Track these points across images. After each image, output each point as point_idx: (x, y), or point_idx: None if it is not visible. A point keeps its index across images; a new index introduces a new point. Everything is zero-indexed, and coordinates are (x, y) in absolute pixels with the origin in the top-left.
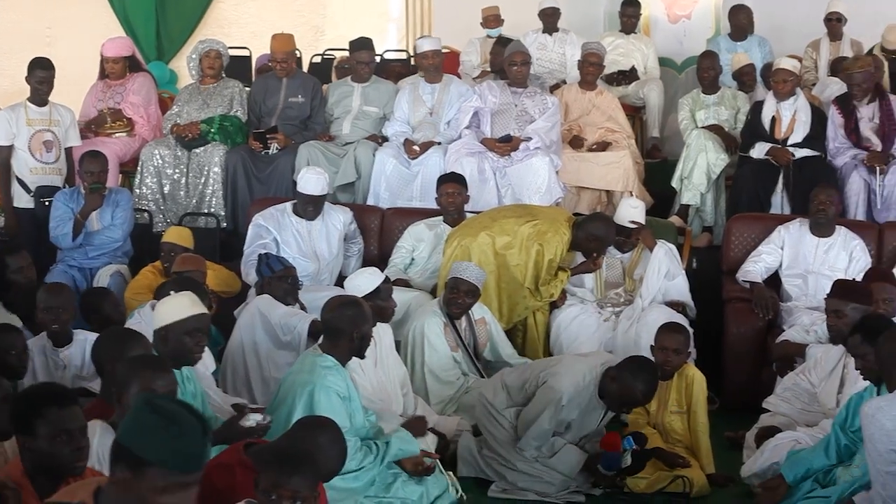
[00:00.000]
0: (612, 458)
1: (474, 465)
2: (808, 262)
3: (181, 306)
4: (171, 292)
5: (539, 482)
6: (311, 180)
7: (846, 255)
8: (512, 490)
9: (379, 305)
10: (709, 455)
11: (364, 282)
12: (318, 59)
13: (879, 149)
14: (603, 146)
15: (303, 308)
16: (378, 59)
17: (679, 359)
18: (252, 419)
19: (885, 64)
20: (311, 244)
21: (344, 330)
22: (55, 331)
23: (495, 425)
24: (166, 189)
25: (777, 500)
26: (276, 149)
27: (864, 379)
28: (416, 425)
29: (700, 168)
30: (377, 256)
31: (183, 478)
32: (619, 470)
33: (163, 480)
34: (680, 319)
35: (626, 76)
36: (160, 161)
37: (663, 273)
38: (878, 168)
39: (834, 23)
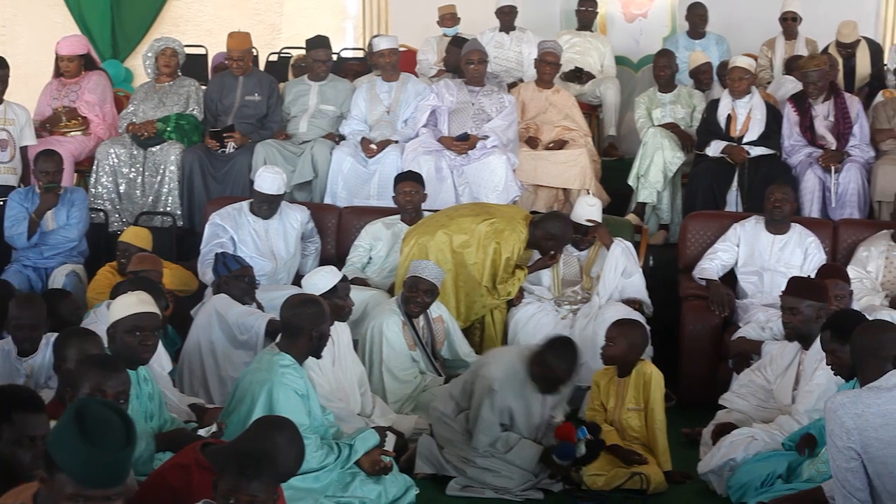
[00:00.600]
0: (566, 447)
1: (434, 462)
2: (763, 260)
3: (127, 304)
4: (127, 292)
5: (498, 477)
6: (267, 179)
7: (801, 253)
8: (472, 487)
9: (336, 304)
10: (666, 452)
11: (321, 280)
12: (274, 58)
13: (834, 147)
14: (560, 144)
15: (260, 307)
16: (335, 57)
17: (615, 349)
18: (204, 432)
19: (840, 61)
20: (268, 243)
21: (303, 328)
22: (25, 347)
23: (450, 430)
24: (122, 188)
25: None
26: (233, 147)
27: (836, 374)
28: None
29: (656, 166)
30: (334, 255)
31: (88, 491)
32: (575, 460)
33: (69, 488)
34: (637, 317)
35: (582, 74)
36: (116, 160)
37: (620, 271)
38: (832, 166)
39: (789, 22)
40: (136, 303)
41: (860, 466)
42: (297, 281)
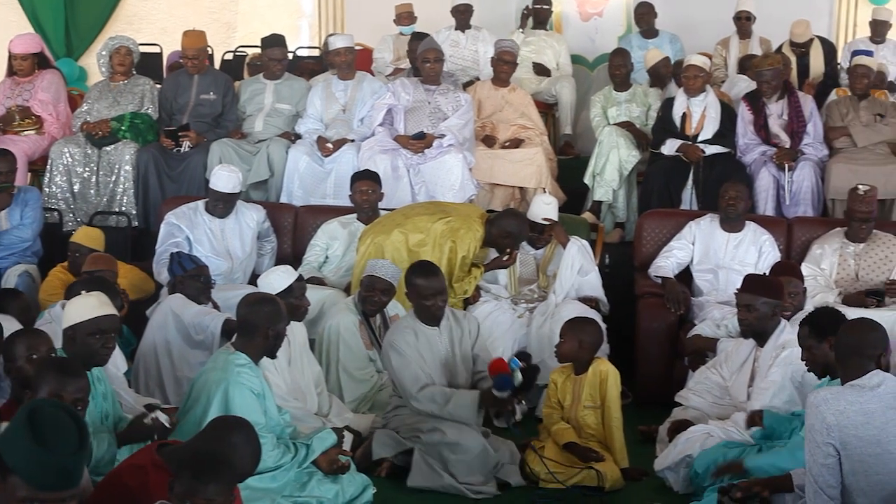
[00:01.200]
0: (503, 379)
1: (391, 442)
2: (718, 258)
3: (88, 307)
4: (82, 292)
5: (447, 439)
6: (223, 177)
7: (756, 250)
8: (432, 466)
9: (292, 304)
10: (622, 449)
11: (277, 280)
12: (230, 57)
13: (788, 145)
14: (516, 143)
15: (216, 307)
16: (291, 56)
17: (566, 347)
18: (155, 416)
19: (793, 59)
20: (224, 242)
21: (259, 326)
22: None
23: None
24: (76, 188)
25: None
26: (188, 146)
27: (809, 371)
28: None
29: (612, 165)
30: (291, 255)
31: (41, 494)
32: (514, 390)
33: (22, 491)
34: (593, 315)
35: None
36: (70, 159)
37: (576, 269)
38: (786, 164)
39: (743, 21)
40: (97, 305)
41: (836, 463)
42: (253, 280)
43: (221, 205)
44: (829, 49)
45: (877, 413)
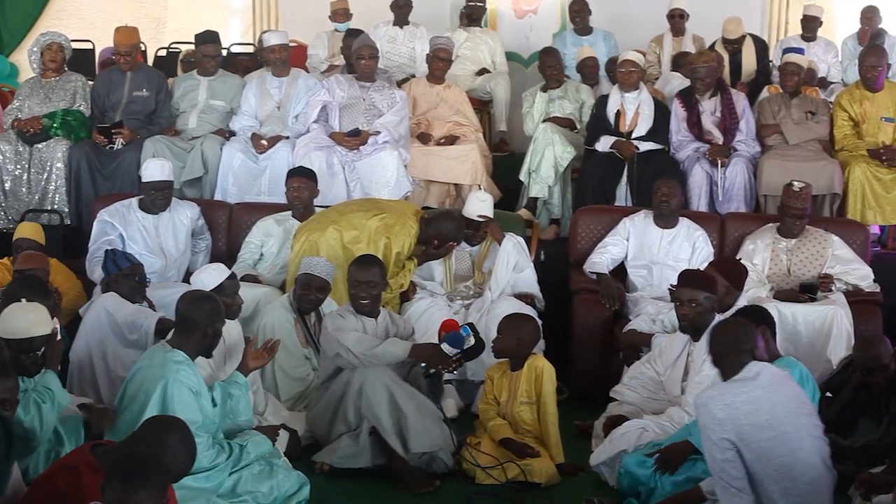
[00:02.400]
0: (457, 336)
1: (322, 408)
2: (652, 253)
3: (25, 323)
4: (23, 299)
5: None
6: (154, 166)
7: (689, 246)
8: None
9: (224, 302)
10: (558, 444)
11: (208, 277)
12: (163, 53)
13: (721, 142)
14: (451, 140)
15: (151, 306)
16: (224, 52)
17: (502, 343)
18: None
19: (726, 57)
20: (158, 240)
21: (199, 323)
22: None
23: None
24: (7, 185)
25: (680, 459)
26: (121, 143)
27: None
28: (268, 431)
29: (547, 161)
30: (225, 252)
31: None
32: (463, 351)
33: None
34: (529, 311)
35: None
36: (1, 157)
37: (512, 265)
38: (719, 161)
39: (676, 19)
40: (32, 323)
41: (736, 456)
42: (187, 278)
43: (160, 195)
44: (762, 47)
45: (762, 399)
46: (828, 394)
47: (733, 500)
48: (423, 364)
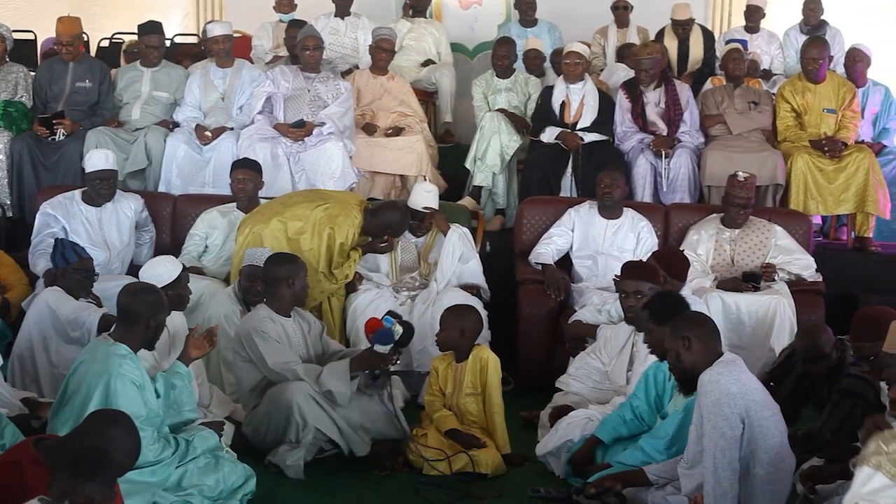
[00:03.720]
0: (384, 333)
1: (256, 423)
2: (597, 244)
3: None
4: None
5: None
6: (98, 156)
7: (634, 237)
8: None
9: (178, 294)
10: (504, 435)
11: (166, 271)
12: (105, 43)
13: (665, 133)
14: (396, 131)
15: (96, 300)
16: (168, 42)
17: (445, 335)
18: None
19: (675, 45)
20: (102, 233)
21: (142, 316)
22: None
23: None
24: None
25: (586, 456)
26: (63, 135)
27: (651, 353)
28: (214, 427)
29: (493, 149)
30: (169, 244)
31: None
32: (395, 343)
33: None
34: (474, 302)
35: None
36: None
37: (457, 256)
38: (663, 152)
39: (621, 10)
40: None
41: (741, 436)
42: (131, 271)
43: (105, 185)
44: (709, 38)
45: (755, 380)
46: (771, 383)
47: (723, 485)
48: (365, 371)
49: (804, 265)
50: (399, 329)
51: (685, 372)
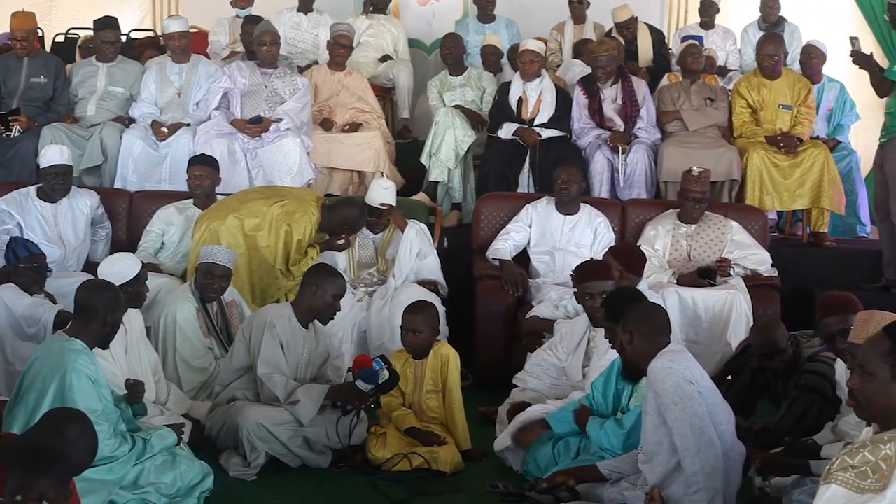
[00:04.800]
0: (370, 372)
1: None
2: (554, 240)
3: None
4: None
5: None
6: (53, 151)
7: (591, 232)
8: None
9: (137, 291)
10: (465, 431)
11: (126, 268)
12: (61, 39)
13: (622, 129)
14: (354, 127)
15: (50, 297)
16: (124, 38)
17: (420, 338)
18: None
19: (623, 42)
20: (57, 229)
21: (98, 312)
22: None
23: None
24: None
25: (529, 437)
26: (18, 131)
27: (612, 348)
28: (174, 428)
29: (448, 144)
30: (126, 241)
31: None
32: (377, 386)
33: None
34: (431, 298)
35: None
36: None
37: (415, 253)
38: (620, 147)
39: (577, 6)
40: None
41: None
42: (87, 268)
43: (61, 180)
44: (658, 37)
45: (700, 368)
46: (728, 377)
47: (710, 462)
48: (339, 403)
49: (760, 260)
50: (386, 374)
51: (628, 362)
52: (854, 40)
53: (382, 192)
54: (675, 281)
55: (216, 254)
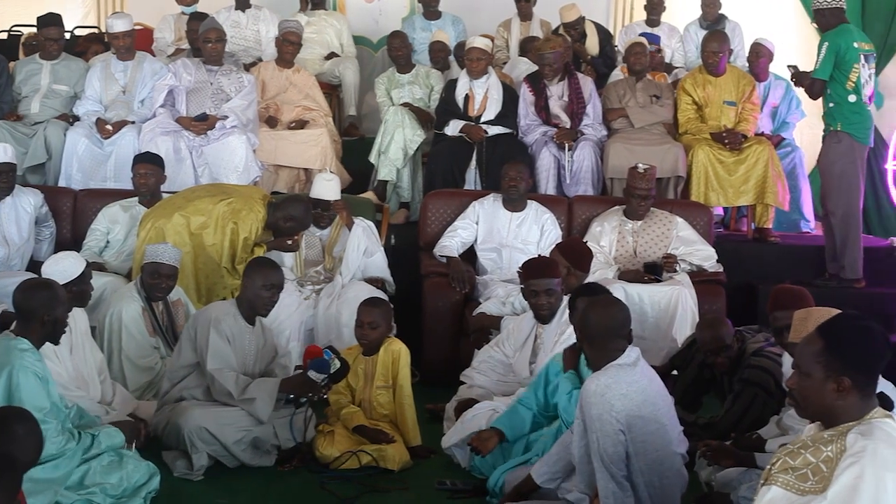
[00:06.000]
0: (321, 362)
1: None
2: (501, 236)
3: None
4: None
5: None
6: None
7: (538, 229)
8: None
9: (82, 290)
10: (415, 427)
11: (70, 267)
12: (3, 36)
13: (568, 126)
14: (300, 124)
15: None
16: (68, 35)
17: (377, 332)
18: None
19: (568, 40)
20: (1, 228)
21: (36, 312)
22: None
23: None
24: None
25: (488, 447)
26: None
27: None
28: (122, 426)
29: (397, 143)
30: (70, 240)
31: None
32: (329, 375)
33: None
34: (380, 295)
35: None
36: None
37: (362, 250)
38: (566, 144)
39: (523, 3)
40: None
41: (623, 450)
42: (31, 267)
43: (2, 178)
44: (605, 36)
45: (648, 389)
46: (673, 371)
47: (616, 494)
48: (291, 395)
49: (705, 256)
50: (337, 364)
51: (589, 364)
52: (792, 67)
53: (325, 184)
54: (620, 277)
55: (162, 253)
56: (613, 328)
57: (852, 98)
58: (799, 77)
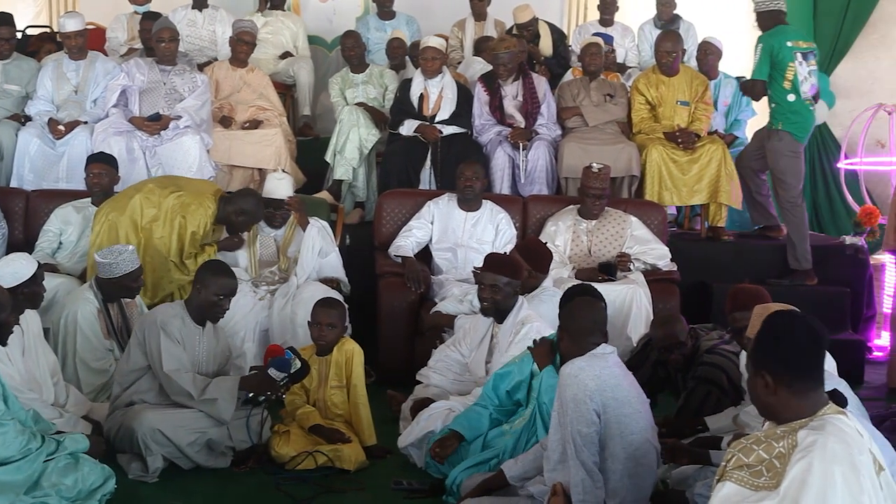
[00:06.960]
0: (282, 361)
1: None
2: (456, 236)
3: None
4: None
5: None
6: None
7: (493, 228)
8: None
9: (33, 292)
10: (370, 426)
11: (21, 269)
12: None
13: (523, 125)
14: (254, 124)
15: None
16: (19, 34)
17: (334, 333)
18: None
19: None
20: None
21: None
22: None
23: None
24: None
25: (448, 452)
26: None
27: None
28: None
29: (352, 143)
30: (23, 241)
31: None
32: (290, 374)
33: None
34: (335, 295)
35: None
36: None
37: (317, 250)
38: (521, 144)
39: (477, 3)
40: None
41: (596, 433)
42: None
43: None
44: (559, 36)
45: (621, 378)
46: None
47: (585, 482)
48: (250, 394)
49: (659, 255)
50: (298, 364)
51: (561, 357)
52: (740, 78)
53: (277, 183)
54: (575, 276)
55: (123, 262)
56: (596, 323)
57: (791, 97)
58: (744, 86)
